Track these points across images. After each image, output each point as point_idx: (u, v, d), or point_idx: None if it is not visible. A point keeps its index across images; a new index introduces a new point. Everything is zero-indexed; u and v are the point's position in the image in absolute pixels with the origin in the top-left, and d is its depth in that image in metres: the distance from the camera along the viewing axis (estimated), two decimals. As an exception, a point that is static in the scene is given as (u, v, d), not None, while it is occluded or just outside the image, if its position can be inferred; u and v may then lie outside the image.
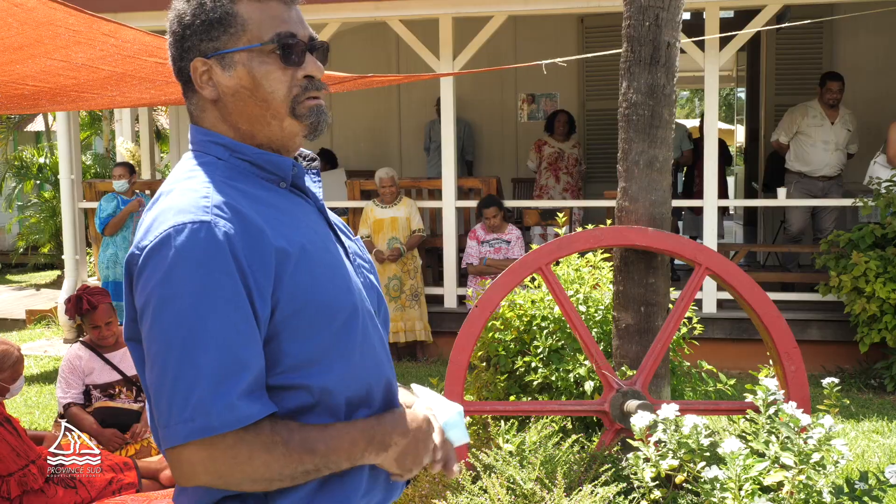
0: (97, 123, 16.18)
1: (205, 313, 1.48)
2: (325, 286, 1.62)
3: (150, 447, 5.20)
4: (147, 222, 1.56)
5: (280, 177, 1.70)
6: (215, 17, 1.64)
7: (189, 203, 1.54)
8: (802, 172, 8.57)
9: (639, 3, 4.25)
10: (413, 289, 8.20)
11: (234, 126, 1.69)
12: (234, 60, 1.65)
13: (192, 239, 1.49)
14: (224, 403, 1.47)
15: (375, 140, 11.71)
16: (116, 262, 8.31)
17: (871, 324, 7.15)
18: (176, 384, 1.47)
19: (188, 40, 1.66)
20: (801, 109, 8.59)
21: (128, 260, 1.57)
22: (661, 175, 4.33)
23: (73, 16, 3.45)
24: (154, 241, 1.51)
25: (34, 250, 14.43)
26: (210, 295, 1.49)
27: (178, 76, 1.71)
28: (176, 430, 1.47)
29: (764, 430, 3.53)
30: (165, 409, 1.48)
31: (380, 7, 8.11)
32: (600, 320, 4.93)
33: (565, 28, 11.00)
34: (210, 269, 1.49)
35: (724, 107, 26.57)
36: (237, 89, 1.66)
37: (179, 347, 1.47)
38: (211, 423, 1.46)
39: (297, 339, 1.58)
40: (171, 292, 1.49)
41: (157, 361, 1.50)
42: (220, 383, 1.48)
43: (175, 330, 1.48)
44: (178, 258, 1.49)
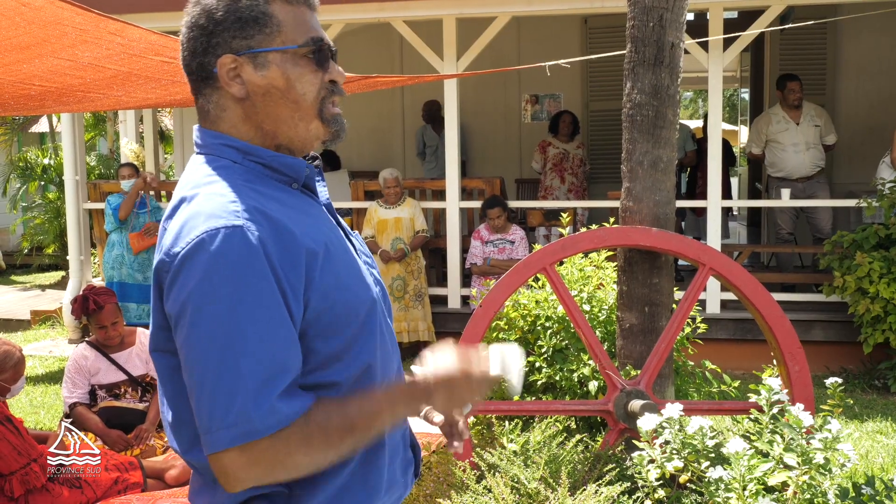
0: (101, 124, 16.20)
1: (244, 318, 1.48)
2: (349, 283, 1.65)
3: (154, 448, 5.21)
4: (175, 228, 1.54)
5: (293, 178, 1.70)
6: (251, 16, 1.64)
7: (218, 207, 1.53)
8: (781, 177, 8.60)
9: (643, 4, 4.26)
10: (416, 289, 8.21)
11: (257, 125, 1.68)
12: (268, 60, 1.65)
13: (226, 243, 1.49)
14: (266, 407, 1.48)
15: (379, 141, 11.72)
16: (122, 262, 8.32)
17: (875, 324, 7.15)
18: (216, 390, 1.47)
19: (218, 36, 1.64)
20: (765, 118, 8.66)
21: (157, 267, 1.56)
22: (665, 175, 4.34)
23: (81, 15, 3.46)
24: (187, 248, 1.50)
25: (38, 251, 14.45)
26: (248, 299, 1.49)
27: (197, 71, 1.68)
28: (219, 437, 1.48)
29: (768, 431, 3.53)
30: (206, 415, 1.49)
31: (384, 8, 8.12)
32: (604, 320, 4.93)
33: (569, 29, 11.00)
34: (246, 272, 1.49)
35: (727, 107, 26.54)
36: (269, 89, 1.66)
37: (219, 353, 1.47)
38: (254, 427, 1.47)
39: (324, 337, 1.60)
40: (209, 298, 1.48)
41: (196, 367, 1.49)
42: (262, 388, 1.48)
43: (214, 335, 1.48)
44: (214, 263, 1.48)
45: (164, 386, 1.65)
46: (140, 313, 8.29)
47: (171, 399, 1.64)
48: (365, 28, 10.30)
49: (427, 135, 11.00)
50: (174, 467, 4.80)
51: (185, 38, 1.69)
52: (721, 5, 7.83)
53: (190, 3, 1.69)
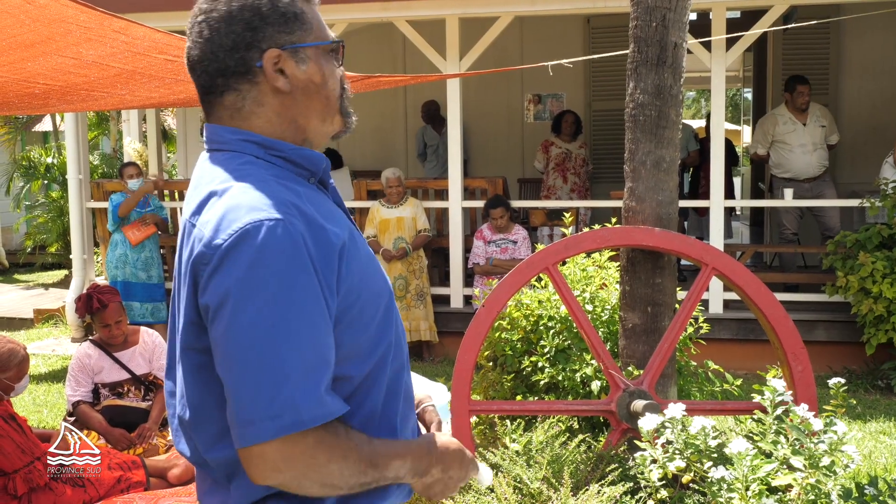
0: (105, 124, 16.22)
1: (288, 310, 1.48)
2: (371, 275, 1.67)
3: (157, 447, 5.21)
4: (213, 220, 1.53)
5: (311, 172, 1.72)
6: (292, 12, 1.67)
7: (258, 200, 1.53)
8: (787, 178, 8.59)
9: (646, 4, 4.26)
10: (418, 289, 8.21)
11: (292, 120, 1.70)
12: (308, 55, 1.69)
13: (270, 236, 1.49)
14: (313, 398, 1.49)
15: (381, 141, 11.73)
16: (126, 262, 8.32)
17: (878, 324, 7.15)
18: (261, 381, 1.47)
19: (263, 30, 1.65)
20: (771, 119, 8.63)
21: (195, 260, 1.54)
22: (668, 175, 4.34)
23: (85, 13, 3.47)
24: (231, 239, 1.49)
25: (42, 250, 14.46)
26: (292, 291, 1.49)
27: (234, 66, 1.66)
28: (263, 427, 1.46)
29: (771, 431, 3.53)
30: (248, 405, 1.47)
31: (387, 7, 8.12)
32: (607, 320, 4.93)
33: (572, 28, 11.01)
34: (290, 265, 1.50)
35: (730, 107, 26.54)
36: (308, 83, 1.69)
37: (265, 343, 1.47)
38: (301, 417, 1.47)
39: (351, 329, 1.61)
40: (254, 289, 1.48)
41: (238, 358, 1.48)
42: (308, 379, 1.49)
43: (259, 326, 1.47)
44: (259, 255, 1.48)
45: (188, 386, 1.63)
46: (143, 312, 8.30)
47: (195, 397, 1.62)
48: (368, 28, 10.30)
49: (427, 135, 11.01)
50: (177, 466, 4.81)
51: (222, 32, 1.66)
52: (724, 5, 7.83)
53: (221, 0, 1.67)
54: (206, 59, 1.68)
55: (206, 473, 1.70)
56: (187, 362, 1.62)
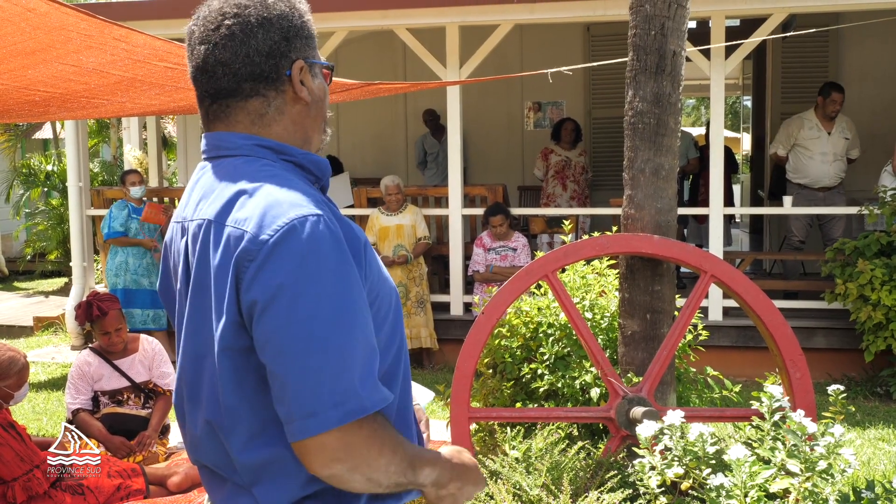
0: (105, 131, 16.24)
1: (342, 300, 1.52)
2: (384, 275, 1.72)
3: (156, 455, 5.22)
4: (255, 217, 1.54)
5: (318, 177, 1.76)
6: (311, 30, 1.77)
7: (296, 197, 1.57)
8: (802, 184, 8.56)
9: (645, 13, 4.27)
10: (418, 296, 8.22)
11: (304, 129, 1.77)
12: (318, 72, 1.78)
13: (315, 231, 1.52)
14: (372, 385, 1.54)
15: (382, 148, 11.75)
16: (126, 269, 8.32)
17: (877, 331, 7.15)
18: (322, 372, 1.49)
19: (294, 42, 1.72)
20: (797, 122, 8.54)
21: (239, 256, 1.54)
22: (667, 183, 4.35)
23: (85, 20, 3.49)
24: (278, 234, 1.51)
25: (41, 257, 14.47)
26: (343, 284, 1.53)
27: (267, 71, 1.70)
28: (326, 417, 1.49)
29: (769, 437, 3.54)
30: (310, 397, 1.49)
31: (387, 15, 8.14)
32: (606, 327, 4.94)
33: (571, 36, 11.03)
34: (338, 259, 1.54)
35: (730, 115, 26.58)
36: (320, 96, 1.78)
37: (322, 335, 1.50)
38: (363, 403, 1.51)
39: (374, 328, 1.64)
40: (308, 282, 1.50)
41: (296, 351, 1.50)
42: (365, 367, 1.53)
43: (316, 319, 1.50)
44: (309, 250, 1.51)
45: (224, 385, 1.62)
46: (145, 318, 8.30)
47: (231, 398, 1.62)
48: (368, 35, 10.34)
49: (427, 142, 11.03)
50: (177, 474, 4.81)
51: (261, 37, 1.68)
52: (723, 13, 7.85)
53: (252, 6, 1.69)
54: (238, 61, 1.68)
55: (224, 478, 1.69)
56: (227, 363, 1.60)
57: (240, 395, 1.61)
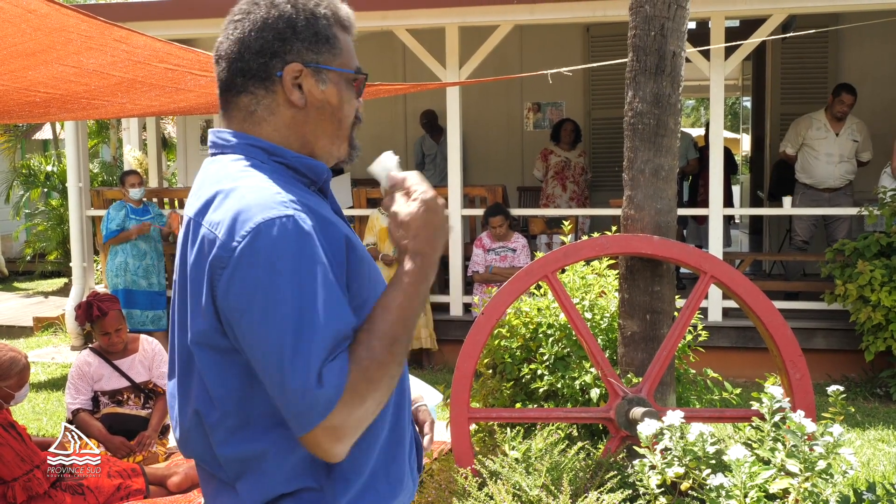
0: (104, 132, 16.23)
1: (310, 299, 1.53)
2: (375, 280, 1.73)
3: (156, 455, 5.22)
4: (226, 222, 1.57)
5: (312, 180, 1.77)
6: (325, 34, 1.75)
7: (267, 199, 1.58)
8: (808, 184, 8.55)
9: (644, 13, 4.28)
10: (419, 296, 8.22)
11: (301, 134, 1.76)
12: (329, 78, 1.76)
13: (283, 232, 1.54)
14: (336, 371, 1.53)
15: (381, 149, 11.61)
16: (126, 269, 8.31)
17: (877, 332, 7.16)
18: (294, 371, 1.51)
19: (291, 43, 1.72)
20: (806, 121, 8.52)
21: (212, 262, 1.58)
22: (667, 184, 4.35)
23: (86, 22, 3.49)
24: (245, 240, 1.54)
25: (41, 258, 14.47)
26: (311, 283, 1.54)
27: (256, 70, 1.73)
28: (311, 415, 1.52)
29: (769, 438, 3.54)
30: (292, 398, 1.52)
31: (386, 16, 8.15)
32: (606, 328, 4.94)
33: (571, 37, 11.03)
34: (306, 258, 1.55)
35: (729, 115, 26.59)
36: (324, 104, 1.76)
37: (293, 335, 1.52)
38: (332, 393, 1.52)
39: None
40: (275, 287, 1.52)
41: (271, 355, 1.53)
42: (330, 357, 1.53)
43: (284, 319, 1.52)
44: (275, 253, 1.53)
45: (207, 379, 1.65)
46: (144, 319, 8.30)
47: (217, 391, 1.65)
48: (368, 36, 10.31)
49: (426, 144, 11.03)
50: (176, 474, 4.81)
51: (253, 35, 1.72)
52: (723, 14, 7.85)
53: (260, 5, 1.73)
54: (233, 55, 1.74)
55: (211, 475, 1.71)
56: (206, 359, 1.64)
57: (226, 389, 1.63)
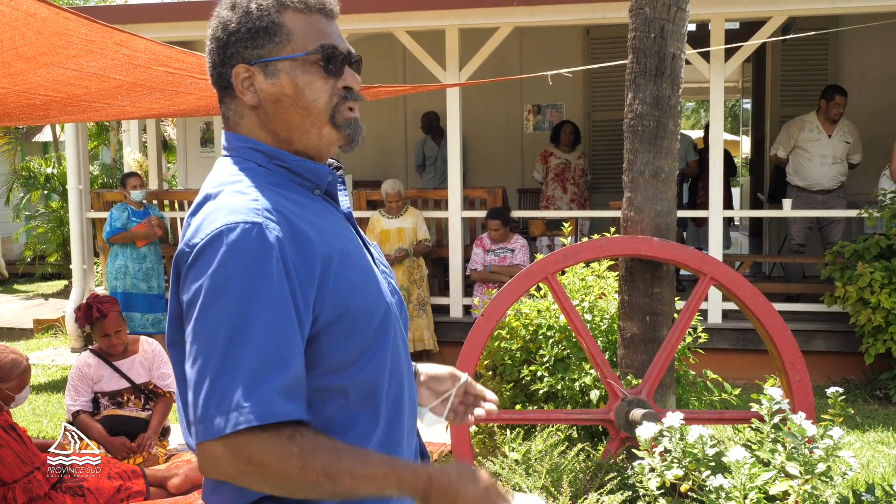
0: (104, 134, 16.25)
1: (252, 310, 1.51)
2: (363, 290, 1.67)
3: (157, 456, 5.22)
4: (196, 222, 1.59)
5: (315, 184, 1.75)
6: (261, 26, 1.69)
7: (240, 204, 1.57)
8: (801, 187, 8.56)
9: (644, 16, 4.28)
10: (420, 298, 8.22)
11: (272, 132, 1.73)
12: (278, 69, 1.70)
13: (243, 238, 1.53)
14: (260, 396, 1.48)
15: (381, 150, 11.75)
16: (126, 272, 8.31)
17: (877, 334, 7.16)
18: (216, 379, 1.49)
19: (231, 46, 1.70)
20: (798, 123, 8.54)
21: (176, 257, 1.60)
22: (667, 185, 4.36)
23: (86, 25, 3.50)
24: (205, 239, 1.54)
25: (41, 260, 14.48)
26: (258, 292, 1.51)
27: (217, 81, 1.75)
28: (210, 425, 1.48)
29: (769, 440, 3.55)
30: (202, 403, 1.49)
31: (386, 18, 8.15)
32: (606, 329, 4.95)
33: (571, 39, 11.04)
34: (259, 267, 1.52)
35: (729, 117, 26.59)
36: (279, 96, 1.70)
37: (224, 343, 1.49)
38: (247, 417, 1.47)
39: (337, 342, 1.62)
40: (221, 287, 1.51)
41: (200, 355, 1.51)
42: (259, 378, 1.49)
43: (221, 325, 1.50)
44: (230, 255, 1.52)
45: (178, 381, 1.66)
46: (144, 323, 8.30)
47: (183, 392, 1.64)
48: (368, 38, 10.33)
49: (427, 146, 11.04)
50: (177, 475, 4.81)
51: (207, 50, 1.76)
52: (723, 16, 7.85)
53: (212, 17, 1.75)
54: (208, 73, 1.78)
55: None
56: (174, 357, 1.67)
57: None
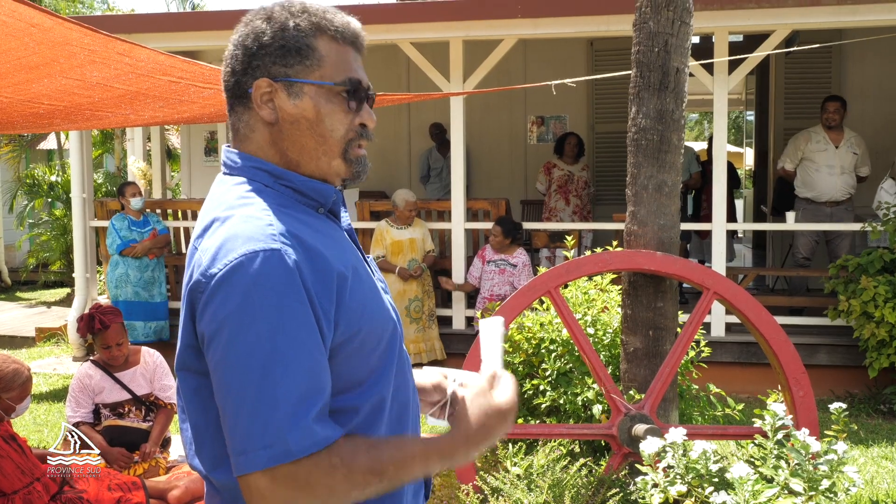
0: (109, 142, 16.27)
1: (283, 340, 1.50)
2: (374, 309, 1.67)
3: (157, 467, 5.20)
4: (212, 249, 1.56)
5: (320, 203, 1.73)
6: (295, 46, 1.68)
7: (256, 230, 1.55)
8: (809, 198, 8.55)
9: (648, 29, 4.28)
10: (430, 309, 8.23)
11: (282, 151, 1.71)
12: (303, 91, 1.69)
13: (265, 266, 1.51)
14: (302, 428, 1.49)
15: (385, 161, 11.76)
16: (126, 281, 8.33)
17: (881, 349, 7.14)
18: (255, 411, 1.48)
19: (259, 58, 1.69)
20: (805, 135, 8.58)
21: (192, 287, 1.57)
22: (670, 199, 4.35)
23: (89, 36, 3.50)
24: (226, 269, 1.52)
25: (44, 268, 14.48)
26: (287, 322, 1.51)
27: (234, 89, 1.73)
28: (256, 456, 1.48)
29: (772, 456, 3.53)
30: (242, 435, 1.49)
31: (391, 30, 8.16)
32: (608, 343, 4.93)
33: (575, 51, 11.05)
34: (285, 296, 1.51)
35: (733, 129, 26.61)
36: (298, 118, 1.69)
37: (259, 374, 1.49)
38: (289, 448, 1.48)
39: (349, 362, 1.62)
40: (248, 319, 1.50)
41: (234, 387, 1.50)
42: (298, 409, 1.49)
43: (253, 356, 1.49)
44: (254, 285, 1.50)
45: (187, 405, 1.65)
46: (147, 332, 8.30)
47: (194, 418, 1.65)
48: (372, 49, 10.32)
49: (433, 156, 11.05)
50: (177, 487, 4.80)
51: (229, 55, 1.73)
52: (726, 29, 7.86)
53: (241, 24, 1.73)
54: (223, 78, 1.76)
55: (215, 492, 1.70)
56: (185, 383, 1.65)
57: (205, 419, 1.63)
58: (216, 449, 1.62)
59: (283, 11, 1.70)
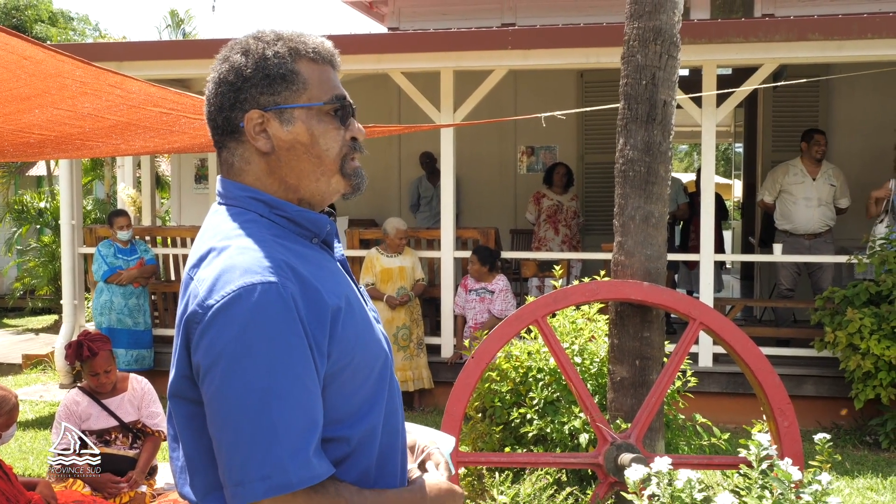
0: (99, 169, 16.27)
1: (280, 372, 1.51)
2: (366, 340, 1.69)
3: (144, 496, 5.18)
4: (209, 280, 1.57)
5: (314, 233, 1.75)
6: (279, 73, 1.70)
7: (253, 262, 1.56)
8: (788, 231, 8.62)
9: (636, 62, 4.34)
10: (419, 337, 8.23)
11: (281, 179, 1.73)
12: (294, 116, 1.71)
13: (263, 299, 1.52)
14: (301, 460, 1.50)
15: (375, 190, 11.79)
16: (111, 308, 8.33)
17: (866, 380, 7.16)
18: (253, 442, 1.49)
19: (245, 91, 1.69)
20: (783, 168, 8.66)
21: (188, 318, 1.57)
22: (657, 230, 4.38)
23: (81, 68, 3.52)
24: (223, 300, 1.53)
25: (32, 294, 14.44)
26: (284, 355, 1.52)
27: (223, 125, 1.73)
28: (253, 488, 1.49)
29: (757, 485, 3.54)
30: (239, 466, 1.50)
31: (382, 59, 8.22)
32: (595, 373, 4.95)
33: (565, 82, 11.13)
34: (282, 329, 1.52)
35: (722, 161, 26.77)
36: (293, 144, 1.71)
37: (256, 406, 1.50)
38: (289, 479, 1.49)
39: (342, 393, 1.63)
40: (245, 351, 1.51)
41: (231, 419, 1.51)
42: (297, 441, 1.51)
43: (251, 388, 1.50)
44: (252, 318, 1.51)
45: (181, 432, 1.66)
46: (129, 360, 8.28)
47: (187, 445, 1.65)
48: (363, 78, 10.41)
49: (423, 185, 11.09)
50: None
51: (213, 93, 1.73)
52: (714, 63, 7.94)
53: (218, 60, 1.74)
54: (207, 116, 1.76)
55: None
56: (179, 410, 1.65)
57: (197, 447, 1.63)
58: (209, 477, 1.62)
59: (258, 42, 1.72)
